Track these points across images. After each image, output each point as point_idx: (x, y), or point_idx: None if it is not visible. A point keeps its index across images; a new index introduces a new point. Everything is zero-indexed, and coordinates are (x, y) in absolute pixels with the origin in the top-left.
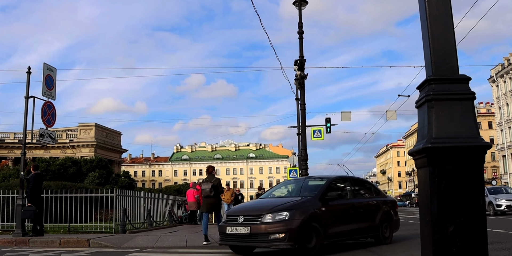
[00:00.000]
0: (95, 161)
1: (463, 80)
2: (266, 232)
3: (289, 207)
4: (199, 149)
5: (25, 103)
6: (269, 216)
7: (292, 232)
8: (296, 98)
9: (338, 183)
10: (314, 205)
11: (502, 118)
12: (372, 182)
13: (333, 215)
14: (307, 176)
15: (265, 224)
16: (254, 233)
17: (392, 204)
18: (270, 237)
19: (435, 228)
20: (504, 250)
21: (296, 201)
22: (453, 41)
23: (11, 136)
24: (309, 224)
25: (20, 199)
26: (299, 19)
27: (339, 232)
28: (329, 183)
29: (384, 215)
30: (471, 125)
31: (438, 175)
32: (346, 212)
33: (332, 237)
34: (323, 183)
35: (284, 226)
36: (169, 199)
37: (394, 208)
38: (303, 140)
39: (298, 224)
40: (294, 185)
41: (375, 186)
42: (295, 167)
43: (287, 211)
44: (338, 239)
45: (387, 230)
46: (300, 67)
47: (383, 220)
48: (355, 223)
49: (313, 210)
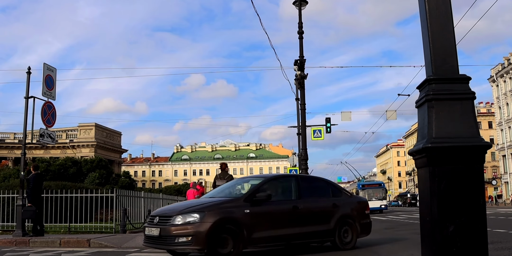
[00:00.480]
0: (95, 161)
1: (463, 80)
2: (173, 234)
3: (202, 209)
4: (199, 149)
5: (25, 103)
6: (179, 218)
7: (200, 236)
8: (296, 98)
9: (279, 182)
10: (236, 207)
11: (502, 118)
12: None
13: (262, 218)
14: (253, 175)
15: (174, 226)
16: (163, 235)
17: (359, 205)
18: (178, 240)
19: (435, 228)
20: (504, 250)
21: (214, 202)
22: (453, 41)
23: (11, 136)
24: (224, 227)
25: (20, 199)
26: (299, 19)
27: (271, 236)
28: (263, 183)
29: (344, 218)
30: (471, 125)
31: (438, 175)
32: (284, 215)
33: (259, 242)
34: (258, 182)
35: (192, 229)
36: (169, 199)
37: (362, 209)
38: (303, 140)
39: (208, 227)
40: (234, 185)
41: (336, 185)
42: (295, 167)
43: (198, 213)
44: (270, 244)
45: (348, 234)
46: (300, 67)
47: (343, 223)
48: (297, 227)
49: (233, 212)
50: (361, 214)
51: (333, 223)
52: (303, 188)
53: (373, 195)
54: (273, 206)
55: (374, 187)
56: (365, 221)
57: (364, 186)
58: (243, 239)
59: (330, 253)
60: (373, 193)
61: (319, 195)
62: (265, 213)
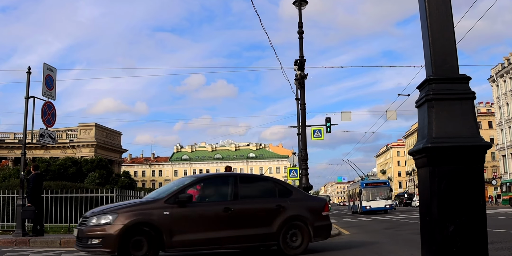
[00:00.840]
0: (95, 161)
1: (463, 80)
2: (86, 236)
3: (116, 210)
4: (199, 149)
5: (25, 103)
6: (94, 219)
7: (110, 238)
8: (296, 98)
9: (213, 182)
10: (155, 208)
11: (502, 117)
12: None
13: (186, 220)
14: (190, 176)
15: (88, 228)
16: (80, 237)
17: (313, 206)
18: (90, 242)
19: (435, 228)
20: (504, 250)
21: (132, 204)
22: (453, 41)
23: (11, 136)
24: (138, 229)
25: (20, 199)
26: (299, 19)
27: (196, 240)
28: (192, 183)
29: (292, 220)
30: (471, 125)
31: (438, 175)
32: (213, 217)
33: (182, 245)
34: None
35: (102, 231)
36: None
37: (316, 211)
38: (303, 140)
39: (119, 229)
40: (172, 186)
41: (285, 185)
42: (295, 167)
43: (111, 214)
44: (195, 247)
45: (297, 238)
46: (300, 67)
47: (290, 226)
48: (229, 230)
49: (150, 214)
50: (315, 216)
51: (276, 225)
52: (241, 188)
53: (378, 195)
54: (200, 208)
55: (378, 186)
56: (321, 223)
57: (368, 184)
58: (161, 242)
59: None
60: (377, 192)
61: (261, 196)
62: (189, 215)
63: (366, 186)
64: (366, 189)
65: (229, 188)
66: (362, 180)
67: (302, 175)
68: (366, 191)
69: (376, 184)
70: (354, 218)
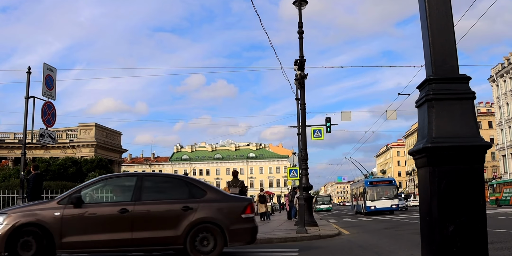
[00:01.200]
0: (95, 161)
1: (463, 80)
2: None
3: (7, 211)
4: (199, 149)
5: (25, 103)
6: None
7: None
8: (296, 98)
9: (113, 183)
10: (47, 209)
11: (502, 117)
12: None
13: (78, 221)
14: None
15: None
16: None
17: (230, 207)
18: None
19: (435, 228)
20: (504, 249)
21: (25, 205)
22: (453, 41)
23: (11, 136)
24: (27, 230)
25: (20, 199)
26: (299, 18)
27: (89, 241)
28: (89, 184)
29: (202, 223)
30: (471, 125)
31: (438, 175)
32: (109, 218)
33: (73, 247)
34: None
35: None
36: None
37: (234, 213)
38: (303, 140)
39: (6, 230)
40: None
41: (199, 185)
42: (295, 167)
43: (2, 215)
44: (88, 250)
45: (209, 242)
46: (300, 67)
47: (200, 229)
48: (127, 232)
49: (41, 215)
50: (232, 218)
51: (182, 228)
52: (146, 188)
53: (383, 194)
54: (94, 209)
55: (384, 184)
56: (239, 226)
57: (373, 183)
58: (51, 243)
59: None
60: (382, 191)
61: (169, 197)
62: (82, 216)
63: (371, 185)
64: (371, 188)
65: (131, 188)
66: (366, 178)
67: (302, 175)
68: (371, 190)
69: (382, 182)
70: (354, 218)
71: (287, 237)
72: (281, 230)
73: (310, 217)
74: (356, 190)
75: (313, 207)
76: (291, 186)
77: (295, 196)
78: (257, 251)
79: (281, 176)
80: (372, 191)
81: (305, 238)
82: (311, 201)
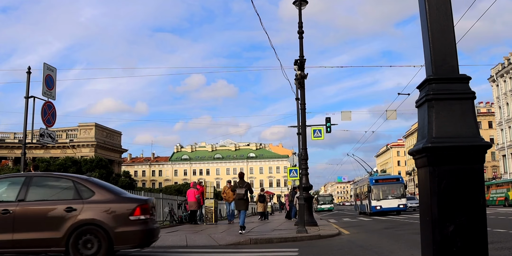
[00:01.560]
0: (95, 161)
1: (463, 80)
2: None
3: None
4: (199, 149)
5: (25, 103)
6: None
7: None
8: (296, 98)
9: (3, 183)
10: None
11: (502, 117)
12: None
13: None
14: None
15: None
16: None
17: (118, 209)
18: None
19: (435, 228)
20: (504, 249)
21: None
22: (453, 41)
23: (11, 136)
24: None
25: None
26: (299, 18)
27: None
28: None
29: (86, 225)
30: (471, 125)
31: (438, 175)
32: None
33: None
34: None
35: None
36: (169, 199)
37: (121, 215)
38: (303, 139)
39: None
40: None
41: (87, 186)
42: (295, 166)
43: None
44: None
45: (93, 245)
46: (300, 67)
47: (83, 231)
48: (8, 234)
49: None
50: (118, 220)
51: (64, 230)
52: (32, 189)
53: (389, 193)
54: None
55: (390, 182)
56: (127, 229)
57: (378, 181)
58: None
59: None
60: (388, 189)
61: (55, 197)
62: None
63: (376, 183)
64: (376, 186)
65: (18, 189)
66: (371, 176)
67: (302, 175)
68: (376, 189)
69: (388, 180)
70: (354, 218)
71: (287, 237)
72: (281, 230)
73: (310, 217)
74: (360, 189)
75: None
76: (291, 186)
77: (295, 196)
78: (257, 251)
79: (281, 176)
80: (378, 190)
81: (305, 238)
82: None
